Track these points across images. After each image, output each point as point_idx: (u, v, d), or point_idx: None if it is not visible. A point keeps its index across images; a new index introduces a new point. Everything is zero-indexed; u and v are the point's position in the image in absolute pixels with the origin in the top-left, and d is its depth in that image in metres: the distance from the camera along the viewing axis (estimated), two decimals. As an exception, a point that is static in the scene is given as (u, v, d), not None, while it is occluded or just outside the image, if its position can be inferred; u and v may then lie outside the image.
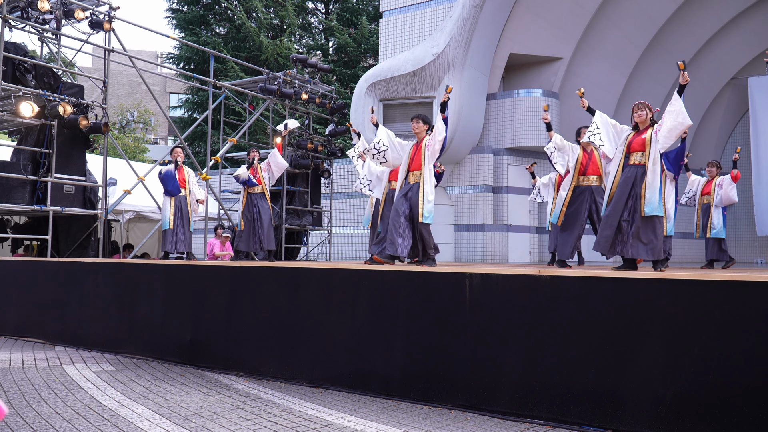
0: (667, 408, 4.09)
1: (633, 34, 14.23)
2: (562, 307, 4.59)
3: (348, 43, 23.93)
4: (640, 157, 5.67)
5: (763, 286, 3.94)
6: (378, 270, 5.75)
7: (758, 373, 3.89)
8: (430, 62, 12.60)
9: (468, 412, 4.77)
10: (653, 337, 4.22)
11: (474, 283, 5.01)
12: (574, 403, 4.40)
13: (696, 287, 4.17)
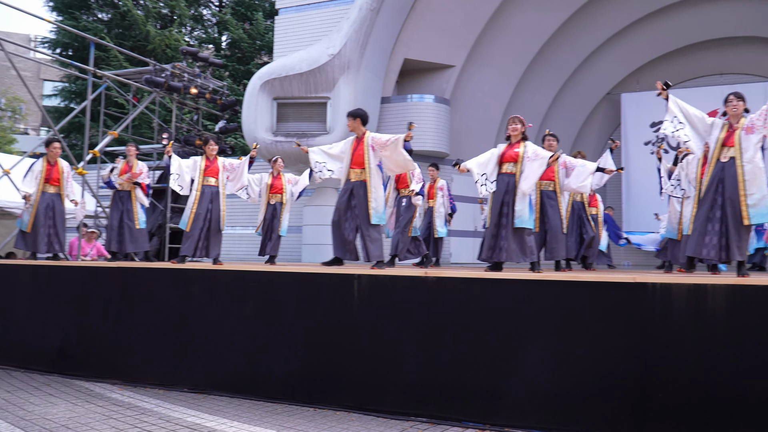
0: (543, 402, 4.28)
1: (520, 47, 14.87)
2: (448, 307, 4.68)
3: (242, 39, 23.38)
4: (512, 167, 5.81)
5: (626, 286, 4.21)
6: (265, 271, 5.62)
7: (629, 366, 4.14)
8: (325, 63, 12.53)
9: (354, 413, 4.75)
10: (531, 334, 4.40)
11: (362, 284, 5.00)
12: (456, 400, 4.50)
13: (568, 287, 4.38)
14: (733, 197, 4.92)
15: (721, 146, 5.04)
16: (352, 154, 6.31)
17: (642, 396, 4.07)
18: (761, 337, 3.89)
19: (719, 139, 5.05)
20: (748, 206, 4.86)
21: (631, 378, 4.12)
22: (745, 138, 4.95)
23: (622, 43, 15.94)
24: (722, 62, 16.39)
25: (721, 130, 5.08)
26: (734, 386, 3.90)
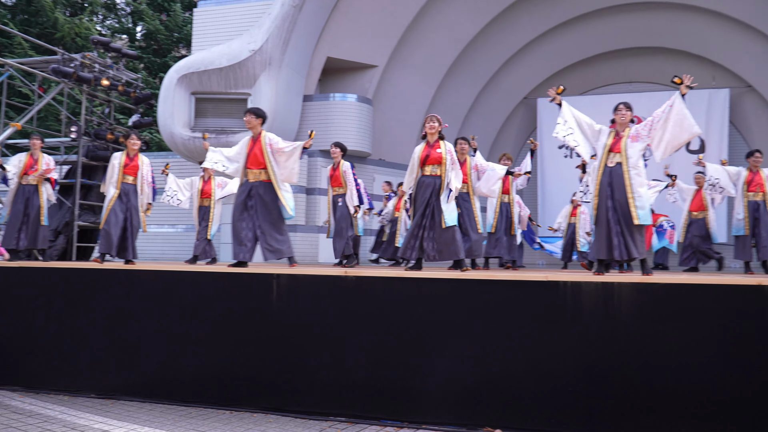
0: (458, 399, 4.36)
1: (441, 50, 15.12)
2: (368, 307, 4.69)
3: (159, 30, 22.57)
4: (436, 170, 5.87)
5: (540, 285, 4.36)
6: (181, 271, 5.45)
7: (541, 362, 4.28)
8: (246, 58, 12.28)
9: (272, 414, 4.69)
10: (447, 333, 4.48)
11: (281, 284, 4.94)
12: (375, 399, 4.52)
13: (486, 285, 4.49)
14: (621, 199, 5.21)
15: (608, 152, 5.34)
16: (248, 154, 6.20)
17: (553, 390, 4.22)
18: (664, 331, 4.12)
19: (606, 145, 5.35)
20: (636, 207, 5.17)
21: (542, 373, 4.27)
22: (631, 145, 5.30)
23: (537, 49, 16.49)
24: (630, 71, 17.26)
25: (608, 137, 5.37)
26: (640, 378, 4.11)
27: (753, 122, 16.41)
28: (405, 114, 15.23)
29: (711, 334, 4.07)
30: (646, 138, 5.27)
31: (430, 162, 5.85)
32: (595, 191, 5.36)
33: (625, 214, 5.20)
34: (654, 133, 5.23)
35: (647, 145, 5.30)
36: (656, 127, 5.22)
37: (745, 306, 4.05)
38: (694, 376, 4.05)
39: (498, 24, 15.28)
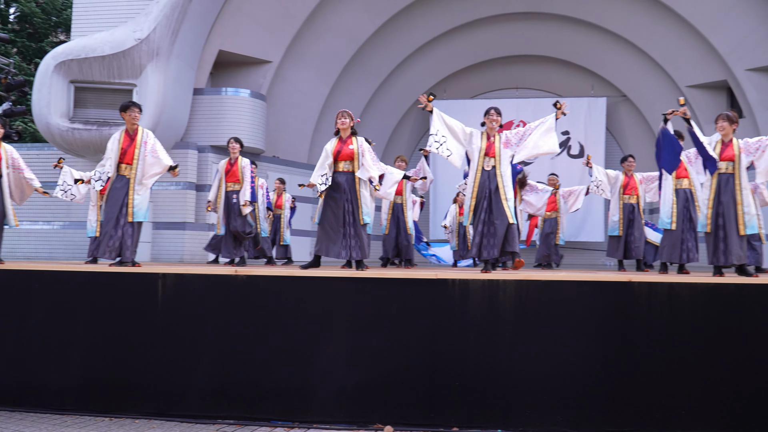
0: (349, 397, 4.38)
1: (337, 48, 15.11)
2: (257, 306, 4.60)
3: (35, 13, 21.00)
4: (349, 165, 5.88)
5: (430, 282, 4.46)
6: (53, 270, 5.09)
7: (428, 358, 4.38)
8: (132, 47, 11.68)
9: (156, 420, 4.49)
10: (338, 331, 4.48)
11: (167, 284, 4.74)
12: (266, 400, 4.44)
13: (379, 284, 4.53)
14: (496, 201, 5.53)
15: (484, 156, 5.58)
16: (123, 150, 5.89)
17: (442, 386, 4.33)
18: (543, 325, 4.34)
19: (482, 149, 5.59)
20: (509, 208, 5.56)
21: (433, 369, 4.37)
22: (504, 150, 5.62)
23: (431, 52, 16.88)
24: (518, 77, 18.07)
25: (481, 140, 5.62)
26: (520, 371, 4.30)
27: (627, 129, 17.68)
28: (300, 111, 15.10)
29: (584, 327, 4.33)
30: (515, 146, 5.66)
31: (342, 158, 5.85)
32: (473, 193, 5.59)
33: (502, 215, 5.51)
34: (523, 142, 5.63)
35: (513, 154, 5.69)
36: (526, 137, 5.64)
37: (616, 300, 4.34)
38: (570, 367, 4.29)
39: (393, 25, 15.49)
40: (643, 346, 4.28)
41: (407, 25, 15.74)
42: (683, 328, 4.27)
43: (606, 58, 16.68)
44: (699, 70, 15.16)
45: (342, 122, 5.95)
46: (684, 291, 4.32)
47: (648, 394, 4.22)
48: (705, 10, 14.00)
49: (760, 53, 13.73)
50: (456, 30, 16.36)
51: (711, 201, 5.47)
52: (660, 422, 4.17)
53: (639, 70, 16.41)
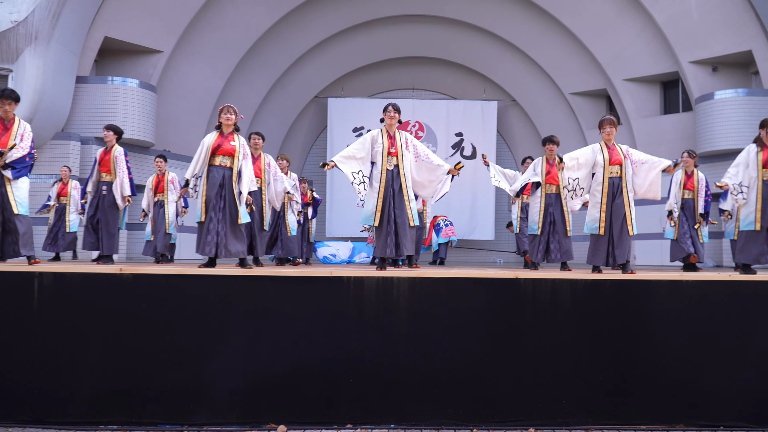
0: (242, 397, 4.29)
1: (233, 40, 14.74)
2: (146, 306, 4.40)
3: None
4: (228, 161, 5.64)
5: (325, 280, 4.45)
6: None
7: (323, 356, 4.37)
8: (7, 30, 10.82)
9: (31, 428, 4.19)
10: (234, 330, 4.38)
11: (45, 284, 4.43)
12: (151, 403, 4.26)
13: (272, 282, 4.47)
14: (400, 202, 5.68)
15: (387, 155, 5.68)
16: None
17: (332, 384, 4.34)
18: (435, 321, 4.45)
19: (384, 147, 5.68)
20: (411, 209, 5.71)
21: (324, 367, 4.36)
22: (405, 152, 5.78)
23: (330, 50, 16.85)
24: (414, 78, 18.41)
25: (382, 138, 5.74)
26: (414, 367, 4.39)
27: (516, 133, 18.48)
28: (193, 104, 14.60)
29: (475, 322, 4.49)
30: (413, 150, 5.86)
31: (221, 152, 5.63)
32: (380, 193, 5.66)
33: (404, 216, 5.60)
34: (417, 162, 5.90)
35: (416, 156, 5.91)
36: (420, 159, 5.91)
37: (504, 296, 4.53)
38: (462, 362, 4.43)
39: (291, 20, 15.32)
40: (530, 340, 4.50)
41: (305, 20, 15.62)
42: (566, 322, 4.52)
43: (497, 63, 17.36)
44: (581, 79, 16.11)
45: (227, 118, 5.73)
46: (566, 287, 4.58)
47: (536, 386, 4.44)
48: (587, 23, 14.89)
49: (636, 65, 14.80)
50: (354, 28, 16.43)
51: (604, 204, 5.76)
52: (546, 413, 4.40)
53: (527, 77, 17.20)
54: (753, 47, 12.72)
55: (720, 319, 4.60)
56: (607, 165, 5.75)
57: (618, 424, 4.41)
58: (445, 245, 12.37)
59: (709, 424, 4.46)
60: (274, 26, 15.16)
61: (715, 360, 4.55)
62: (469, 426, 4.33)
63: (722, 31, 12.98)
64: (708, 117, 13.10)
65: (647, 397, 4.48)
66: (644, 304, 4.61)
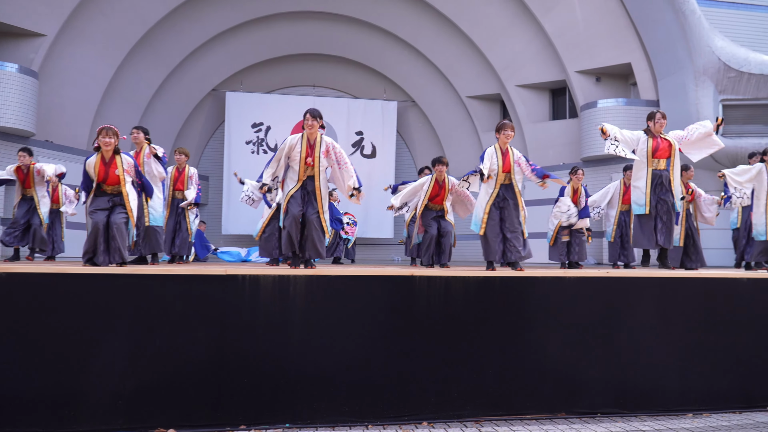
0: (128, 401, 4.10)
1: (124, 27, 14.02)
2: (20, 308, 4.10)
3: None
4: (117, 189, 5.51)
5: (218, 279, 4.34)
6: None
7: (214, 356, 4.25)
8: None
9: None
10: (121, 331, 4.17)
11: None
12: (26, 412, 3.98)
13: (159, 281, 4.30)
14: (314, 204, 5.68)
15: (305, 164, 5.63)
16: None
17: (225, 384, 4.23)
18: (331, 319, 4.45)
19: (302, 151, 5.62)
20: (324, 212, 5.71)
21: (217, 367, 4.25)
22: (324, 159, 5.75)
23: (228, 43, 16.43)
24: (315, 76, 18.32)
25: (300, 144, 5.66)
26: (310, 365, 4.36)
27: (415, 133, 18.84)
28: (79, 92, 13.76)
29: (370, 319, 4.54)
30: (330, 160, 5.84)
31: (109, 183, 5.36)
32: (289, 193, 5.61)
33: (318, 217, 5.62)
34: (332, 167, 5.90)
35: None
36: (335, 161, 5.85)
37: (399, 293, 4.61)
38: (357, 358, 4.46)
39: (187, 11, 14.81)
40: (424, 335, 4.60)
41: (202, 11, 15.15)
42: (458, 317, 4.66)
43: (398, 64, 17.61)
44: (477, 83, 16.67)
45: (105, 142, 5.27)
46: (458, 284, 4.72)
47: (429, 380, 4.54)
48: (483, 29, 15.42)
49: (528, 72, 15.50)
50: (254, 22, 16.12)
51: (488, 206, 6.00)
52: (439, 406, 4.52)
53: (426, 79, 17.58)
54: (632, 60, 13.67)
55: (595, 313, 4.91)
56: (500, 172, 5.99)
57: (506, 415, 4.60)
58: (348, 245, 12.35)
59: (587, 412, 4.75)
60: (169, 15, 14.59)
61: (591, 352, 4.85)
62: (364, 422, 4.37)
63: (605, 44, 13.85)
64: (592, 124, 13.92)
65: (533, 388, 4.70)
66: (530, 300, 4.84)
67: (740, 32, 13.15)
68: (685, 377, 4.98)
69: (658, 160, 6.37)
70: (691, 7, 12.21)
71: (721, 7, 13.22)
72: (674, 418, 4.77)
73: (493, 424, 4.46)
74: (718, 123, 6.36)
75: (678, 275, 5.30)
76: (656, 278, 5.11)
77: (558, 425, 4.48)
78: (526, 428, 4.38)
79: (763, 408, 5.06)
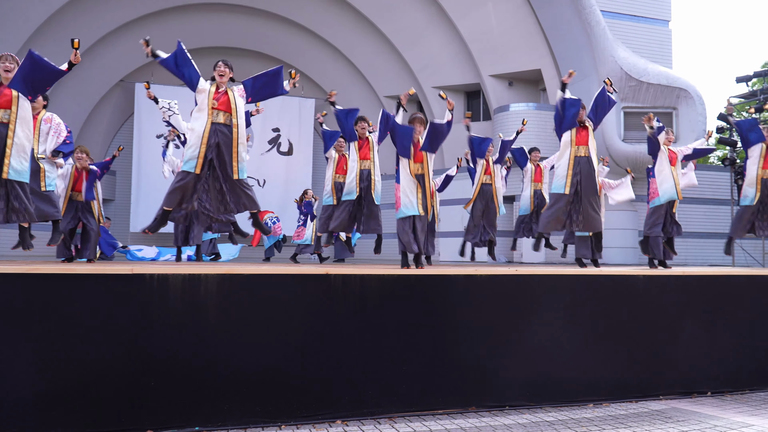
0: (27, 407, 3.86)
1: (26, 11, 13.23)
2: None
3: None
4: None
5: (126, 278, 4.17)
6: None
7: (125, 358, 4.08)
8: None
9: None
10: (19, 334, 3.92)
11: None
12: None
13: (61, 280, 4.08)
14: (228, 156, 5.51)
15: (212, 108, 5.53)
16: None
17: (131, 388, 4.07)
18: (244, 318, 4.37)
19: (210, 98, 5.55)
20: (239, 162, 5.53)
21: (128, 370, 4.09)
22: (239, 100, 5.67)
23: (138, 32, 15.78)
24: (232, 70, 17.91)
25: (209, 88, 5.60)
26: (221, 366, 4.26)
27: (332, 131, 18.79)
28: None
29: (285, 318, 4.49)
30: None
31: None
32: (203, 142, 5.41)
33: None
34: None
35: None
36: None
37: (315, 292, 4.58)
38: (270, 359, 4.40)
39: None
40: (339, 333, 4.59)
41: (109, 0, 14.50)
42: (373, 315, 4.69)
43: (316, 61, 17.52)
44: (395, 83, 16.84)
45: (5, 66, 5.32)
46: (374, 282, 4.75)
47: (343, 379, 4.54)
48: (401, 30, 15.61)
49: (444, 74, 15.82)
50: (168, 12, 15.62)
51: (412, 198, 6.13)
52: (353, 404, 4.53)
53: (345, 77, 17.59)
54: (542, 66, 14.23)
55: (505, 310, 5.08)
56: (411, 163, 6.05)
57: (420, 411, 4.68)
58: (275, 243, 12.15)
59: (497, 405, 4.90)
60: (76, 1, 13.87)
61: (501, 347, 5.02)
62: (277, 423, 4.32)
63: (517, 50, 14.35)
64: (504, 126, 14.38)
65: (446, 384, 4.80)
66: (444, 297, 4.94)
67: (640, 44, 13.97)
68: (587, 370, 5.24)
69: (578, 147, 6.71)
70: (597, 19, 12.85)
71: (623, 20, 13.99)
72: (577, 408, 5.01)
73: (406, 421, 4.52)
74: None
75: (582, 273, 5.57)
76: (563, 275, 5.35)
77: (468, 419, 4.60)
78: (438, 423, 4.47)
79: (657, 397, 5.39)
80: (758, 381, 5.88)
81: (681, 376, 5.58)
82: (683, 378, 5.58)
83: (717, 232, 14.92)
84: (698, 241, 14.13)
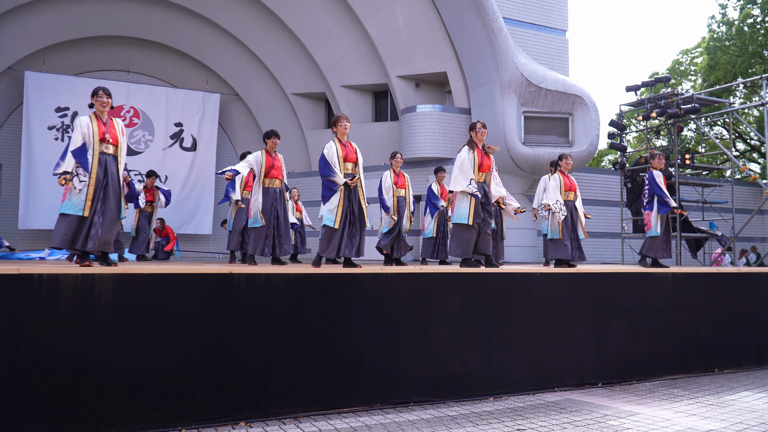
0: None
1: None
2: None
3: None
4: None
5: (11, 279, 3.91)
6: None
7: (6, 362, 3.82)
8: None
9: None
10: None
11: None
12: None
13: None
14: (114, 193, 5.31)
15: (101, 141, 5.26)
16: None
17: (16, 395, 3.82)
18: (142, 320, 4.19)
19: (96, 134, 5.24)
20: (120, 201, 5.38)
21: (5, 376, 3.82)
22: (122, 138, 5.43)
23: (28, 16, 14.83)
24: (130, 60, 17.14)
25: (91, 124, 5.26)
26: (116, 370, 4.07)
27: (238, 127, 18.40)
28: None
29: (185, 319, 4.35)
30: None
31: None
32: (91, 181, 5.16)
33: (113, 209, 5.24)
34: None
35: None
36: None
37: (216, 292, 4.47)
38: (170, 361, 4.25)
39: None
40: (242, 333, 4.50)
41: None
42: (277, 314, 4.64)
43: (222, 56, 17.10)
44: (303, 81, 16.73)
45: None
46: (278, 281, 4.69)
47: (246, 379, 4.45)
48: (310, 27, 15.51)
49: (352, 73, 15.86)
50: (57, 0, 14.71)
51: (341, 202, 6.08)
52: (256, 405, 4.45)
53: (251, 73, 17.28)
54: (447, 69, 14.57)
55: (409, 308, 5.17)
56: (341, 162, 6.05)
57: (325, 410, 4.67)
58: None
59: (401, 402, 4.97)
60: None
61: (405, 344, 5.10)
62: (177, 427, 4.18)
63: (424, 52, 14.62)
64: (411, 127, 14.62)
65: (351, 382, 4.82)
66: (349, 296, 4.95)
67: (539, 51, 14.61)
68: (487, 365, 5.42)
69: (481, 174, 6.39)
70: (499, 25, 13.30)
71: (523, 27, 14.58)
72: (478, 402, 5.17)
73: (311, 420, 4.50)
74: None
75: (481, 271, 5.75)
76: (463, 273, 5.50)
77: (374, 416, 4.64)
78: (343, 421, 4.48)
79: (553, 389, 5.66)
80: (644, 372, 6.30)
81: (574, 369, 5.89)
82: (576, 371, 5.89)
83: (608, 232, 15.87)
84: (591, 240, 14.95)
